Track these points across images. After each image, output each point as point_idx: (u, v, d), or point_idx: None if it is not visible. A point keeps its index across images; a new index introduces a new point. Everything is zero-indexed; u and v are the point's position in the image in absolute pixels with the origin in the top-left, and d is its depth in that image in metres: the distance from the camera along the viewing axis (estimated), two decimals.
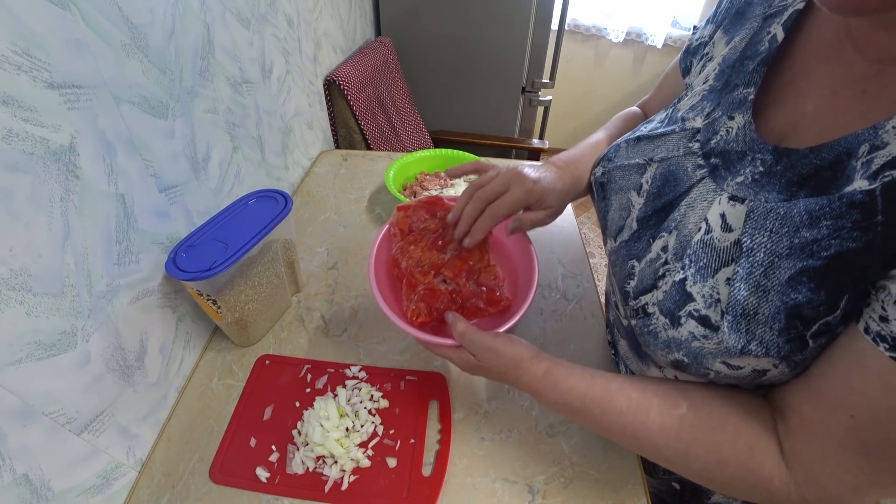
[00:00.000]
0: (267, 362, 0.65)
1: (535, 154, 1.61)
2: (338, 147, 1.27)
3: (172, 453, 0.55)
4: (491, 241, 0.54)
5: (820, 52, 0.37)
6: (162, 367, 0.58)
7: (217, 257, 0.54)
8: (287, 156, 0.96)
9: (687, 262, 0.38)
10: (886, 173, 0.29)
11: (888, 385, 0.29)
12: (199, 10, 0.62)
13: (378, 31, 1.53)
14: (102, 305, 0.47)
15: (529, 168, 0.54)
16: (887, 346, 0.28)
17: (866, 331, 0.29)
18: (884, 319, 0.28)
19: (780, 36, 0.39)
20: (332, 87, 1.16)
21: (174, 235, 0.58)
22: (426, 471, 0.54)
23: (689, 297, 0.37)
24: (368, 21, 1.45)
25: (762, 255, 0.33)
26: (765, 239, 0.34)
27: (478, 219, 0.50)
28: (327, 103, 1.18)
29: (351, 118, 1.21)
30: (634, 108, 0.67)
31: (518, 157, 1.65)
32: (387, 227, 0.55)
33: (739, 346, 0.34)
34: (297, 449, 0.55)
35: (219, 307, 0.58)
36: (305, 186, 1.02)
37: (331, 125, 1.22)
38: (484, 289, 0.50)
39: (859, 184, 0.30)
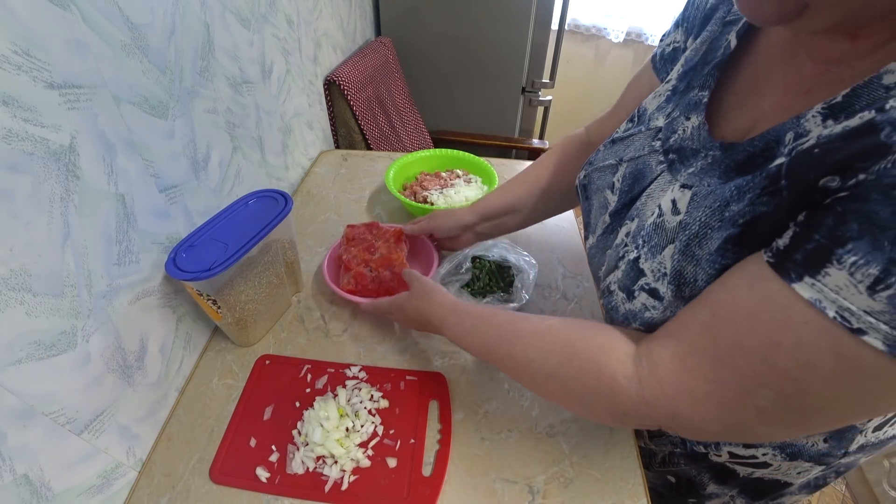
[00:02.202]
0: (267, 362, 0.65)
1: (535, 154, 1.61)
2: (338, 147, 1.27)
3: (172, 453, 0.55)
4: (407, 247, 0.77)
5: (777, 57, 0.39)
6: (162, 367, 0.58)
7: (217, 257, 0.54)
8: (287, 156, 0.96)
9: (640, 242, 0.42)
10: (798, 149, 0.31)
11: (753, 286, 0.31)
12: (199, 10, 0.62)
13: (378, 31, 1.53)
14: (102, 305, 0.47)
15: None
16: (770, 254, 0.31)
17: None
18: (778, 236, 0.31)
19: (734, 44, 0.42)
20: (332, 87, 1.16)
21: (174, 235, 0.58)
22: (426, 471, 0.54)
23: (641, 273, 0.41)
24: (368, 21, 1.45)
25: (696, 227, 0.37)
26: (700, 214, 0.37)
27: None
28: (327, 103, 1.18)
29: (351, 118, 1.21)
30: (580, 130, 0.70)
31: (518, 157, 1.65)
32: (340, 238, 0.78)
33: None
34: (297, 449, 0.55)
35: (219, 307, 0.58)
36: (305, 186, 1.02)
37: (331, 125, 1.22)
38: (397, 275, 0.70)
39: (778, 162, 0.33)
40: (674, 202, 0.40)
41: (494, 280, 0.74)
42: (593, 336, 0.42)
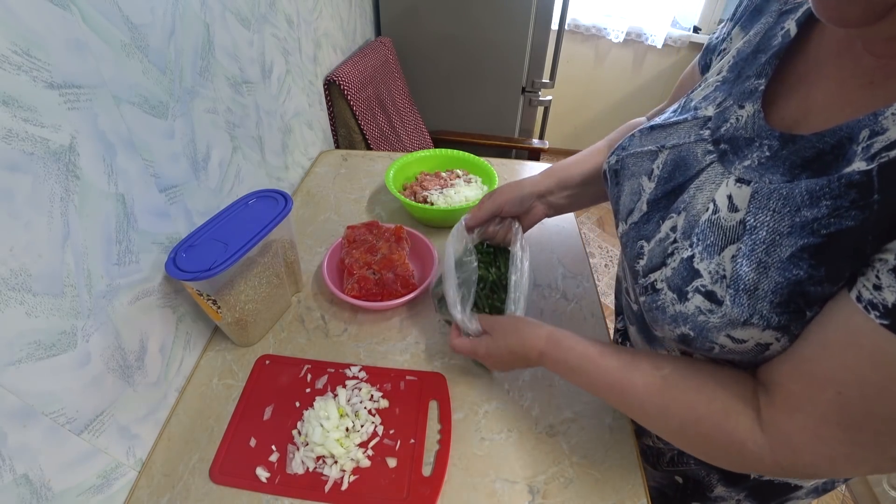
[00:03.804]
0: (267, 362, 0.65)
1: (535, 154, 1.61)
2: (338, 147, 1.27)
3: (172, 453, 0.55)
4: (409, 247, 0.78)
5: (832, 47, 0.38)
6: (162, 367, 0.58)
7: (217, 257, 0.54)
8: (287, 156, 0.96)
9: (695, 240, 0.40)
10: (883, 155, 0.30)
11: (877, 360, 0.30)
12: (199, 10, 0.62)
13: (378, 31, 1.53)
14: (102, 305, 0.47)
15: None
16: (878, 314, 0.29)
17: (858, 299, 0.30)
18: (877, 288, 0.29)
19: (793, 31, 0.41)
20: (332, 87, 1.16)
21: (174, 235, 0.58)
22: (426, 471, 0.54)
23: (697, 274, 0.39)
24: (368, 21, 1.45)
25: (765, 233, 0.35)
26: (767, 218, 0.35)
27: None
28: (327, 103, 1.18)
29: (351, 118, 1.21)
30: (642, 118, 0.68)
31: (518, 157, 1.65)
32: (340, 240, 0.79)
33: (742, 319, 0.36)
34: (297, 449, 0.55)
35: (219, 307, 0.58)
36: (305, 186, 1.02)
37: (331, 125, 1.22)
38: (399, 276, 0.71)
39: (857, 165, 0.31)
40: (730, 198, 0.38)
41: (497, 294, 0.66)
42: (713, 397, 0.40)
